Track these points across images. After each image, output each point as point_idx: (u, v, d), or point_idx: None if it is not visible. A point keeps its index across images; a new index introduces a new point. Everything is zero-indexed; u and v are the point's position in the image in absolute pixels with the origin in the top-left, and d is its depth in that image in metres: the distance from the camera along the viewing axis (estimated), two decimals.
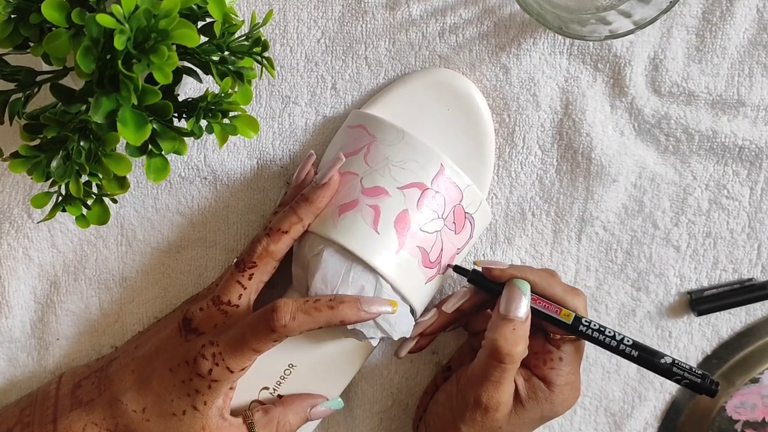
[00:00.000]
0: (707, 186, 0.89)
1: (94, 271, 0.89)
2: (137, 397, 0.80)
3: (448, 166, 0.81)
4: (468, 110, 0.85)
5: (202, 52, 0.67)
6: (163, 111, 0.65)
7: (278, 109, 0.86)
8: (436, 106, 0.85)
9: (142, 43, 0.60)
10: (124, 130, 0.62)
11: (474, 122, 0.85)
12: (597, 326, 0.81)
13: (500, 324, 0.80)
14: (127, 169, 0.67)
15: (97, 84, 0.62)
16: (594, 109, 0.86)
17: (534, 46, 0.85)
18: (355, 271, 0.79)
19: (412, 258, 0.80)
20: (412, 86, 0.85)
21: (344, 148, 0.83)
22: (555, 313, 0.81)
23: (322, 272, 0.79)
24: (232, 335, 0.78)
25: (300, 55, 0.85)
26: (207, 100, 0.68)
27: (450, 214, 0.81)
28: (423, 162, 0.81)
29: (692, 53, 0.86)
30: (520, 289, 0.81)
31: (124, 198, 0.87)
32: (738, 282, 0.92)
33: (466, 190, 0.82)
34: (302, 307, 0.77)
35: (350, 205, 0.80)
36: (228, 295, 0.80)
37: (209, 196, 0.87)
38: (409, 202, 0.80)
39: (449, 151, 0.84)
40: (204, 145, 0.86)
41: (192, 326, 0.80)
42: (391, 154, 0.81)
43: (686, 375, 0.81)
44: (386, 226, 0.79)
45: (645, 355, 0.81)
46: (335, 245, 0.79)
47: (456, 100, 0.85)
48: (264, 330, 0.76)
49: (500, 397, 0.80)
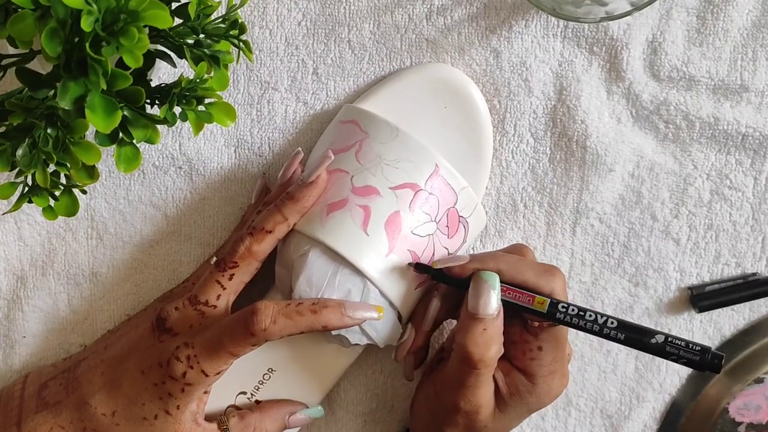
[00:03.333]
0: (709, 176, 0.89)
1: (62, 265, 0.89)
2: (107, 399, 0.80)
3: (444, 167, 0.81)
4: (466, 108, 0.85)
5: (175, 34, 0.67)
6: (135, 97, 0.65)
7: (257, 96, 0.86)
8: (432, 103, 0.85)
9: (111, 24, 0.60)
10: (92, 116, 0.62)
11: (472, 121, 0.85)
12: (575, 310, 0.78)
13: (469, 325, 0.78)
14: (97, 158, 0.67)
15: (64, 68, 0.62)
16: (589, 94, 0.86)
17: (526, 29, 0.85)
18: (342, 273, 0.79)
19: (402, 262, 0.80)
20: (408, 81, 0.85)
21: (335, 143, 0.83)
22: (528, 303, 0.79)
23: (307, 273, 0.79)
24: (209, 337, 0.78)
25: (280, 38, 0.85)
26: (181, 86, 0.68)
27: (443, 217, 0.82)
28: (417, 161, 0.81)
29: (693, 36, 0.86)
30: (487, 282, 0.79)
31: (95, 189, 0.87)
32: (741, 277, 0.92)
33: (461, 192, 0.82)
34: (284, 310, 0.77)
35: (339, 204, 0.80)
36: (206, 295, 0.80)
37: (184, 188, 0.88)
38: (401, 204, 0.80)
39: (445, 151, 0.84)
40: (179, 133, 0.86)
41: (166, 326, 0.80)
42: (384, 153, 0.81)
43: (683, 353, 0.76)
44: (376, 227, 0.79)
45: (633, 336, 0.77)
46: (322, 246, 0.80)
47: (453, 97, 0.85)
48: (242, 333, 0.76)
49: (479, 400, 0.79)
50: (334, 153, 0.81)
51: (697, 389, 0.93)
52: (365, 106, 0.85)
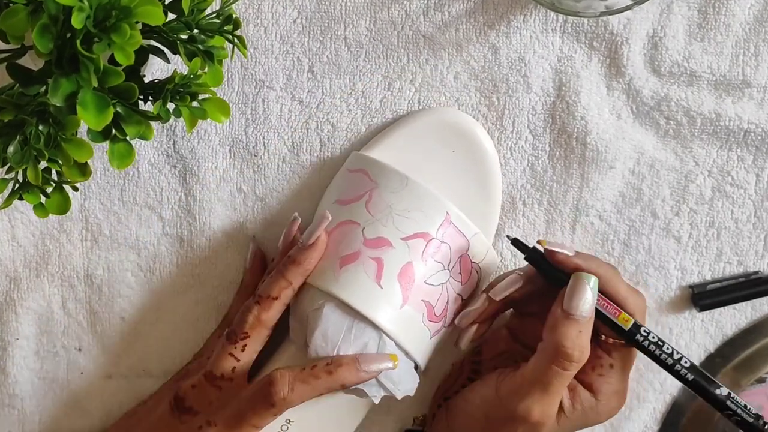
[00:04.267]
0: (710, 172, 0.89)
1: (57, 267, 0.89)
2: None
3: (454, 215, 0.82)
4: (474, 151, 0.86)
5: (169, 30, 0.68)
6: (128, 93, 0.65)
7: (251, 94, 0.86)
8: (440, 148, 0.85)
9: (103, 21, 0.61)
10: (84, 113, 0.62)
11: (480, 164, 0.86)
12: (656, 339, 0.79)
13: (564, 324, 0.77)
14: (88, 155, 0.67)
15: (55, 64, 0.62)
16: (589, 90, 0.86)
17: (524, 24, 0.85)
18: (358, 327, 0.80)
19: (416, 313, 0.81)
20: (414, 127, 0.86)
21: (344, 194, 0.84)
22: (614, 315, 0.79)
23: (322, 328, 0.79)
24: (230, 413, 0.78)
25: (275, 35, 0.85)
26: (175, 82, 0.68)
27: (456, 264, 0.82)
28: (428, 210, 0.81)
29: (694, 30, 0.86)
30: (588, 284, 0.78)
31: (89, 189, 0.87)
32: (743, 275, 0.92)
33: (473, 238, 0.83)
34: (299, 376, 0.77)
35: (352, 257, 0.80)
36: (221, 369, 0.80)
37: (178, 189, 0.88)
38: (413, 254, 0.80)
39: (454, 196, 0.84)
40: (173, 131, 0.86)
41: (186, 405, 0.81)
42: (394, 203, 0.81)
43: (739, 411, 0.79)
44: (389, 280, 0.80)
45: (701, 382, 0.80)
46: (336, 300, 0.80)
47: (461, 140, 0.85)
48: (263, 405, 0.77)
49: (553, 409, 0.78)
50: (343, 203, 0.82)
51: None
52: (373, 154, 0.85)
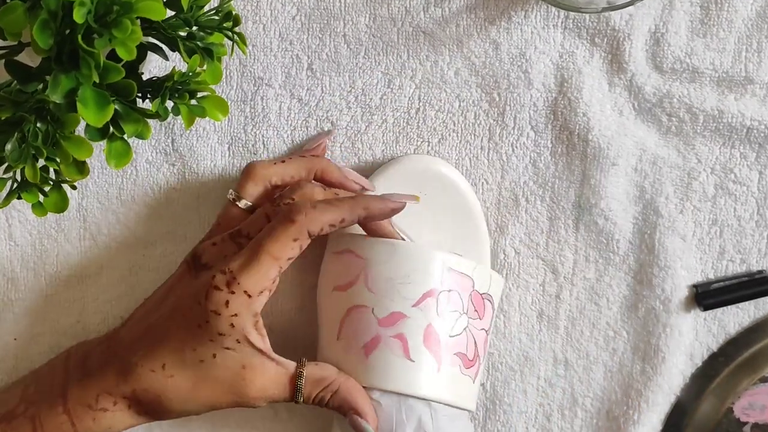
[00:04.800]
0: (713, 170, 0.89)
1: (54, 267, 0.89)
2: (152, 354, 0.78)
3: (449, 260, 0.82)
4: (443, 187, 0.86)
5: (168, 26, 0.68)
6: (126, 90, 0.65)
7: (250, 92, 0.86)
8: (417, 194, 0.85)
9: (104, 16, 0.61)
10: (84, 110, 0.62)
11: (454, 199, 0.87)
12: None
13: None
14: (88, 154, 0.67)
15: (55, 61, 0.62)
16: (591, 86, 0.87)
17: (526, 20, 0.85)
18: (406, 407, 0.80)
19: (453, 368, 0.81)
20: (381, 182, 0.86)
21: (339, 278, 0.83)
22: None
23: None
24: (245, 251, 0.76)
25: (274, 33, 0.85)
26: (173, 80, 0.68)
27: (469, 304, 0.83)
28: (425, 267, 0.81)
29: (696, 26, 0.86)
30: None
31: (87, 188, 0.87)
32: (747, 274, 0.92)
33: (474, 273, 0.83)
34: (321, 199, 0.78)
35: (373, 343, 0.81)
36: (250, 228, 0.79)
37: (178, 187, 0.88)
38: (429, 316, 0.81)
39: (441, 237, 0.86)
40: (171, 129, 0.86)
41: (202, 262, 0.80)
42: (391, 274, 0.81)
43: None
44: (417, 350, 0.80)
45: None
46: (376, 391, 0.81)
47: (428, 181, 0.86)
48: (282, 226, 0.75)
49: None
50: (343, 289, 0.83)
51: (701, 389, 0.93)
52: None
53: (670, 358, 0.92)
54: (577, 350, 0.92)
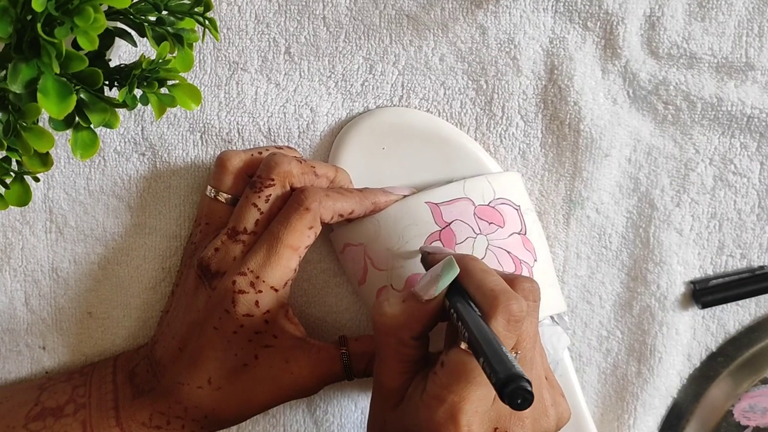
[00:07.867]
0: (711, 160, 0.90)
1: (20, 261, 0.89)
2: (195, 372, 0.81)
3: (433, 195, 0.83)
4: (403, 131, 0.87)
5: (136, 11, 0.67)
6: (92, 79, 0.65)
7: (225, 77, 0.86)
8: (376, 150, 0.86)
9: (65, 3, 0.61)
10: (45, 101, 0.62)
11: (430, 132, 0.87)
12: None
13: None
14: (50, 145, 0.67)
15: (15, 49, 0.62)
16: (583, 74, 0.87)
17: (514, 3, 0.85)
18: None
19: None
20: (343, 145, 0.87)
21: (355, 275, 0.86)
22: None
23: None
24: (259, 247, 0.79)
25: (249, 15, 0.85)
26: (142, 67, 0.68)
27: (476, 223, 0.83)
28: (413, 218, 0.83)
29: (694, 10, 0.86)
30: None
31: (53, 178, 0.87)
32: (747, 270, 0.92)
33: (466, 190, 0.83)
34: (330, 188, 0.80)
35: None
36: (243, 223, 0.81)
37: (148, 176, 0.88)
38: (458, 247, 0.82)
39: (422, 177, 0.86)
40: (141, 116, 0.86)
41: (212, 271, 0.81)
42: (388, 243, 0.83)
43: None
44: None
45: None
46: None
47: (388, 131, 0.87)
48: (296, 213, 0.78)
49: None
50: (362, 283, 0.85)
51: (700, 391, 0.94)
52: None
53: (666, 359, 0.92)
54: (569, 351, 0.92)
